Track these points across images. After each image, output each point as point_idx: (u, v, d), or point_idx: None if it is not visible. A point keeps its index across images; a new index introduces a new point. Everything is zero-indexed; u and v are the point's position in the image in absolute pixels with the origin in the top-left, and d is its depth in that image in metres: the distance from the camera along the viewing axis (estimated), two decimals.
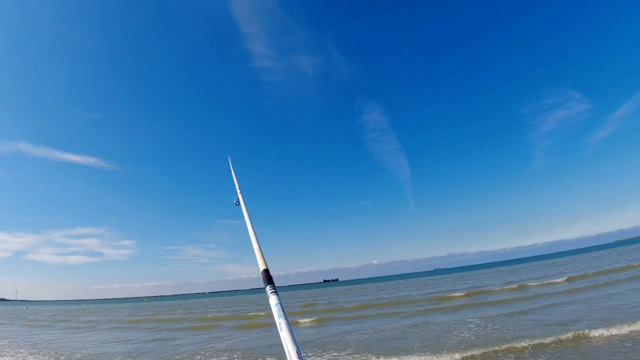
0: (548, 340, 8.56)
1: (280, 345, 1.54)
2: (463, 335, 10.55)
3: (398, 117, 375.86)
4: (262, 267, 2.18)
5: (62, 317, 37.35)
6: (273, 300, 1.81)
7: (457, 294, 23.83)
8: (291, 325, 1.58)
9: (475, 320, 12.92)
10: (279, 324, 1.63)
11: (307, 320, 18.41)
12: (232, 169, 4.14)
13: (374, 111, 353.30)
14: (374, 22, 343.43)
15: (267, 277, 2.05)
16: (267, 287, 1.95)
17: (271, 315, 1.76)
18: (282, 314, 1.68)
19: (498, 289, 24.98)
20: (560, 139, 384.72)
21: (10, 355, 13.41)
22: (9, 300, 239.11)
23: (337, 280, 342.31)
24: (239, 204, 3.25)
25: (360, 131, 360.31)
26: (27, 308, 76.41)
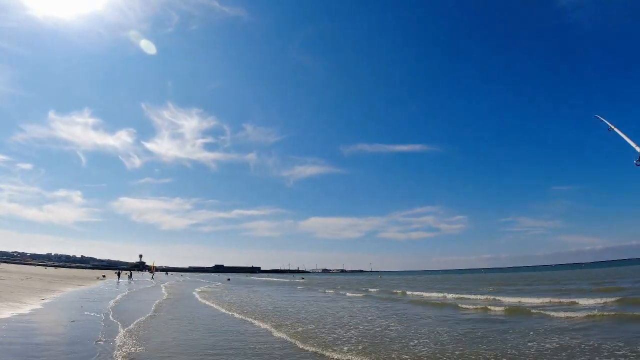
0: None
1: None
2: None
3: None
4: None
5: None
6: None
7: None
8: None
9: None
10: None
11: None
12: (613, 127, 3.81)
13: None
14: None
15: None
16: None
17: None
18: None
19: None
20: None
21: None
22: (365, 271, 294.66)
23: None
24: None
25: None
26: (380, 277, 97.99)
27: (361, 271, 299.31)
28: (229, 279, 73.37)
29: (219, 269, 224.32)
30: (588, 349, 8.22)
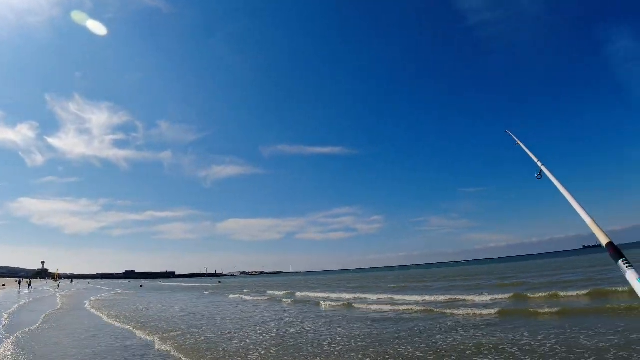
0: None
1: None
2: None
3: None
4: (604, 240, 1.91)
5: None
6: (632, 275, 1.55)
7: None
8: None
9: None
10: None
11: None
12: (519, 142, 3.90)
13: (622, 37, 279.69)
14: None
15: (615, 250, 1.77)
16: (620, 262, 1.67)
17: None
18: None
19: None
20: None
21: None
22: (285, 272, 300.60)
23: (599, 246, 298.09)
24: (542, 176, 3.03)
25: (607, 65, 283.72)
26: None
27: (281, 273, 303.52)
28: (141, 286, 70.79)
29: (130, 275, 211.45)
30: (477, 345, 8.39)
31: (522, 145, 3.72)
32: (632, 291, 1.45)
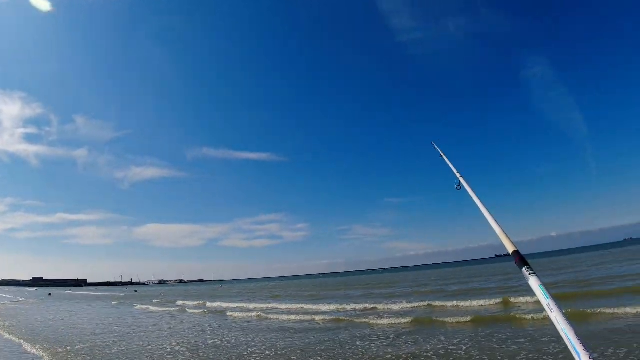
0: None
1: None
2: None
3: (568, 67, 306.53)
4: (511, 248, 2.05)
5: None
6: (534, 281, 1.68)
7: None
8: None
9: None
10: (548, 305, 1.51)
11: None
12: (442, 154, 4.00)
13: (537, 64, 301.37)
14: None
15: (520, 258, 1.92)
16: (524, 269, 1.79)
17: None
18: (548, 294, 1.56)
19: None
20: None
21: None
22: (207, 280, 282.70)
23: (509, 255, 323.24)
24: (461, 187, 3.16)
25: (522, 89, 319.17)
26: (222, 287, 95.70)
27: (202, 281, 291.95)
28: (50, 294, 65.93)
29: (37, 282, 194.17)
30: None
31: (444, 157, 3.91)
32: (537, 300, 1.55)
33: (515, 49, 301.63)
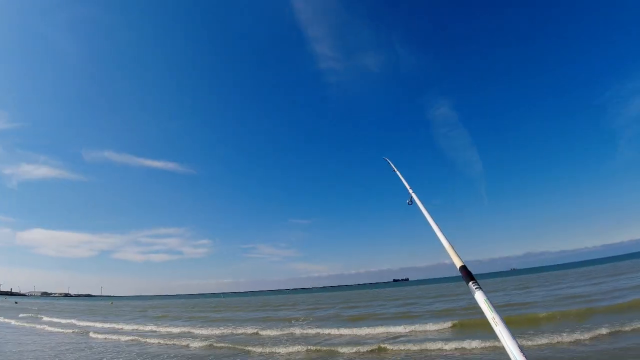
0: None
1: None
2: None
3: (468, 111, 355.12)
4: (458, 264, 2.12)
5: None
6: (480, 295, 1.75)
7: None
8: None
9: None
10: (493, 318, 1.56)
11: None
12: (395, 169, 4.02)
13: (443, 106, 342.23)
14: (441, 14, 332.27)
15: (467, 273, 2.00)
16: (470, 284, 1.89)
17: None
18: (493, 308, 1.62)
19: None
20: None
21: None
22: (95, 295, 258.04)
23: (407, 279, 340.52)
24: (412, 203, 3.22)
25: (428, 127, 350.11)
26: (112, 304, 78.31)
27: (90, 295, 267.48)
28: None
29: None
30: None
31: (397, 172, 3.98)
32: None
33: (425, 89, 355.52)
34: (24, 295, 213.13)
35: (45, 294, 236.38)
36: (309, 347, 11.50)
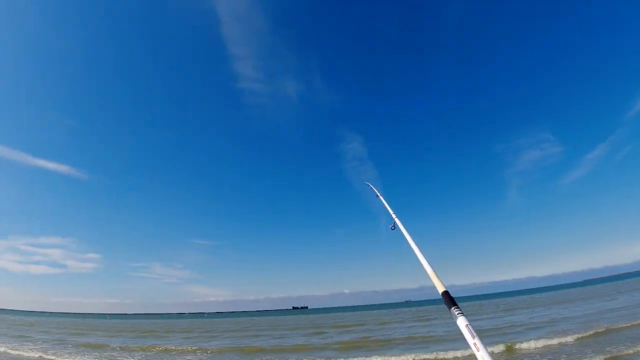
0: None
1: None
2: None
3: (377, 149, 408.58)
4: (441, 289, 2.13)
5: None
6: (462, 321, 1.80)
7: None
8: None
9: None
10: (474, 344, 1.63)
11: None
12: (379, 194, 4.00)
13: (354, 141, 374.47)
14: (359, 57, 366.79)
15: (449, 299, 2.01)
16: (452, 309, 1.92)
17: None
18: (475, 334, 1.68)
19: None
20: (534, 179, 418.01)
21: None
22: None
23: (306, 307, 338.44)
24: (395, 228, 3.19)
25: (339, 159, 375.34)
26: None
27: None
28: None
29: None
30: None
31: (380, 197, 4.01)
32: None
33: (339, 123, 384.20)
34: None
35: None
36: None
